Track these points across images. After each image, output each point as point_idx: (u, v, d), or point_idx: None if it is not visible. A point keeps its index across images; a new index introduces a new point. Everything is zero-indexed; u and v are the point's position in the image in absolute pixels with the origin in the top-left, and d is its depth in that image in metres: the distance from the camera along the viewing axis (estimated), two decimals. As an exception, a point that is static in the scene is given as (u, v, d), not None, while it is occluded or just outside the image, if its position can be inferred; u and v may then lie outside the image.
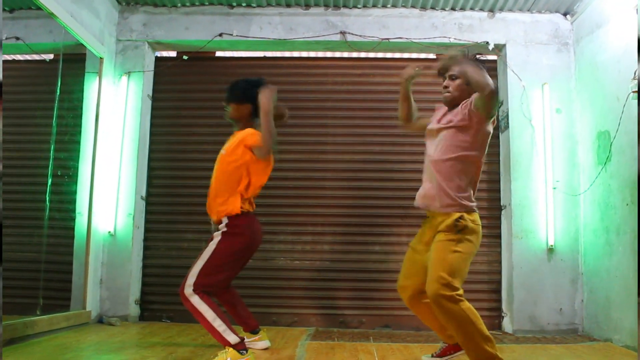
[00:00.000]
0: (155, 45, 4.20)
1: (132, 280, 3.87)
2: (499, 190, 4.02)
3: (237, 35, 4.09)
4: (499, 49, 4.09)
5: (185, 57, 4.26)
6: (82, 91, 3.82)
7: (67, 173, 3.71)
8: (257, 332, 2.89)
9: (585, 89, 3.81)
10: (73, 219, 3.70)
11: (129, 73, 4.06)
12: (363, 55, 4.29)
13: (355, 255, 4.01)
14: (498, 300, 3.91)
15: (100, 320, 3.73)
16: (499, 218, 3.98)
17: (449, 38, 4.05)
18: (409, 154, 4.00)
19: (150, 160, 4.13)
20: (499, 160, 4.05)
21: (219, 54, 4.36)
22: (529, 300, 3.72)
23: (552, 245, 3.75)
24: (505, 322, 3.83)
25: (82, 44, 3.64)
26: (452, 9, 4.08)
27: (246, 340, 2.68)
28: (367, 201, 4.08)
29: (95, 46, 3.77)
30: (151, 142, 4.16)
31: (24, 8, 3.50)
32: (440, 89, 2.49)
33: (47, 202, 3.44)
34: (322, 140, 4.13)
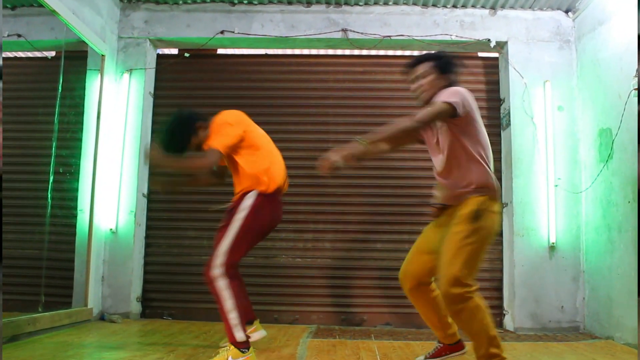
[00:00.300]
0: (157, 42, 4.20)
1: (134, 278, 3.88)
2: (500, 188, 4.01)
3: (238, 33, 4.09)
4: (501, 46, 4.08)
5: (186, 55, 4.27)
6: (83, 88, 3.82)
7: (69, 170, 3.71)
8: (252, 322, 2.79)
9: (587, 87, 3.81)
10: (75, 216, 3.71)
11: (130, 70, 4.06)
12: (364, 52, 4.29)
13: (356, 253, 4.02)
14: (499, 298, 3.91)
15: (101, 318, 3.74)
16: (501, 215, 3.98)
17: (451, 35, 4.05)
18: (411, 152, 3.98)
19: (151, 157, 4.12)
20: (500, 158, 4.05)
21: (220, 51, 4.36)
22: (530, 298, 3.72)
23: (553, 243, 3.75)
24: (507, 320, 3.83)
25: (83, 41, 3.63)
26: (454, 6, 4.08)
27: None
28: (369, 199, 4.08)
29: (97, 43, 3.77)
30: (153, 140, 4.16)
31: (25, 5, 3.51)
32: None
33: (49, 200, 3.44)
34: (323, 138, 4.13)
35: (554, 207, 3.78)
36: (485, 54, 4.23)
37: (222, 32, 4.09)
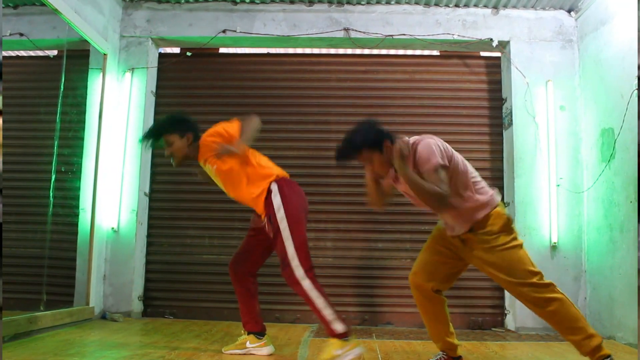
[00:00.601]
0: (159, 41, 4.20)
1: (135, 277, 3.89)
2: (502, 187, 4.01)
3: (240, 32, 4.09)
4: (503, 45, 4.08)
5: (188, 54, 4.27)
6: (85, 87, 3.82)
7: (71, 169, 3.72)
8: (263, 335, 2.73)
9: (589, 86, 3.80)
10: (76, 215, 3.71)
11: (132, 69, 4.06)
12: (367, 51, 4.29)
13: (358, 252, 4.02)
14: (501, 298, 3.90)
15: (103, 316, 3.74)
16: (502, 215, 3.97)
17: (453, 35, 4.04)
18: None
19: (153, 156, 4.12)
20: (502, 157, 4.04)
21: (222, 50, 4.36)
22: (532, 298, 3.71)
23: (555, 243, 3.74)
24: (508, 320, 3.83)
25: (85, 40, 3.64)
26: (456, 5, 4.07)
27: (249, 345, 2.66)
28: (370, 198, 4.07)
29: (99, 42, 3.77)
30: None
31: (27, 4, 3.51)
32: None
33: (51, 198, 3.44)
34: (325, 137, 4.12)
35: (556, 206, 3.78)
36: (488, 54, 4.23)
37: (224, 31, 4.09)
